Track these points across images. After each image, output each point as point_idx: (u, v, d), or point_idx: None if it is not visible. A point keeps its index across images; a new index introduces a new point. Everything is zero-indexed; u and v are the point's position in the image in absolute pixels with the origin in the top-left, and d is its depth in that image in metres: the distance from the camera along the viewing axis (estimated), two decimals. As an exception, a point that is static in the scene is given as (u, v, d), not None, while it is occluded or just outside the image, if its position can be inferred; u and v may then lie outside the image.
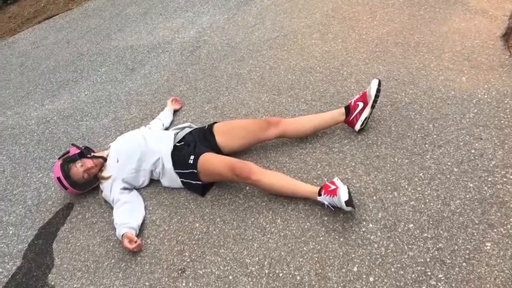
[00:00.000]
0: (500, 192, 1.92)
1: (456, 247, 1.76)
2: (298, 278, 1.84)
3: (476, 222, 1.83)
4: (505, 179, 1.97)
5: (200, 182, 2.35)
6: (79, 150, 2.55)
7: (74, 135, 3.40)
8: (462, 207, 1.90)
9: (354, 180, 2.18)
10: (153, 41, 4.60)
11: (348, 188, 1.91)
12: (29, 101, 4.23)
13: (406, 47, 3.05)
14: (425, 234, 1.84)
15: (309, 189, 2.09)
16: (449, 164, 2.12)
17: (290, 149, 2.50)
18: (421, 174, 2.11)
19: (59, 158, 2.57)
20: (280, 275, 1.88)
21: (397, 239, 1.85)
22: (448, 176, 2.05)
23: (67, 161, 2.51)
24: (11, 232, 2.65)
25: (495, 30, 2.95)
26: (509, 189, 1.92)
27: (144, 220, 2.38)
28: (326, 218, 2.03)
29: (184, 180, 2.42)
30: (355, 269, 1.80)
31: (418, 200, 1.99)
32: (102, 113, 3.58)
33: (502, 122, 2.25)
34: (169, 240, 2.23)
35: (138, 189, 2.60)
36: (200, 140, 2.52)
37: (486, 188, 1.95)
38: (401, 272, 1.73)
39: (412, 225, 1.89)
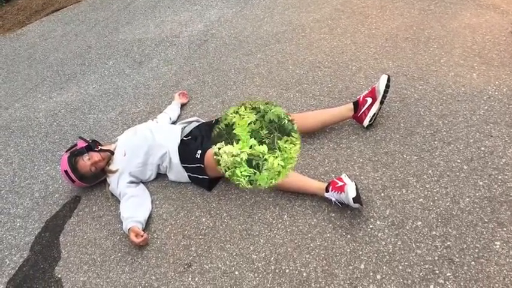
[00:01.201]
0: (510, 191, 1.89)
1: (465, 246, 1.74)
2: (304, 274, 1.84)
3: (486, 220, 1.81)
4: (515, 177, 1.94)
5: (207, 177, 2.34)
6: (86, 144, 2.56)
7: (81, 128, 3.41)
8: (471, 205, 1.88)
9: (362, 177, 2.17)
10: (161, 34, 4.59)
11: (356, 185, 1.90)
12: (37, 94, 4.24)
13: (416, 42, 3.02)
14: (434, 232, 1.82)
15: (316, 185, 2.08)
16: (458, 161, 2.09)
17: (297, 145, 2.49)
18: (430, 171, 2.09)
19: (66, 151, 2.57)
20: (287, 271, 1.87)
21: (405, 237, 1.83)
22: (458, 174, 2.03)
23: (74, 154, 2.51)
24: (18, 224, 2.66)
25: (507, 25, 2.91)
26: (519, 188, 1.90)
27: (150, 214, 2.38)
28: (333, 215, 2.02)
29: (191, 175, 2.41)
30: (362, 266, 1.79)
31: (426, 197, 1.97)
32: (109, 106, 3.58)
33: (513, 119, 2.23)
34: (176, 235, 2.23)
35: (145, 183, 2.60)
36: (207, 134, 2.51)
37: (496, 186, 1.93)
38: (409, 270, 1.72)
39: (420, 222, 1.87)
